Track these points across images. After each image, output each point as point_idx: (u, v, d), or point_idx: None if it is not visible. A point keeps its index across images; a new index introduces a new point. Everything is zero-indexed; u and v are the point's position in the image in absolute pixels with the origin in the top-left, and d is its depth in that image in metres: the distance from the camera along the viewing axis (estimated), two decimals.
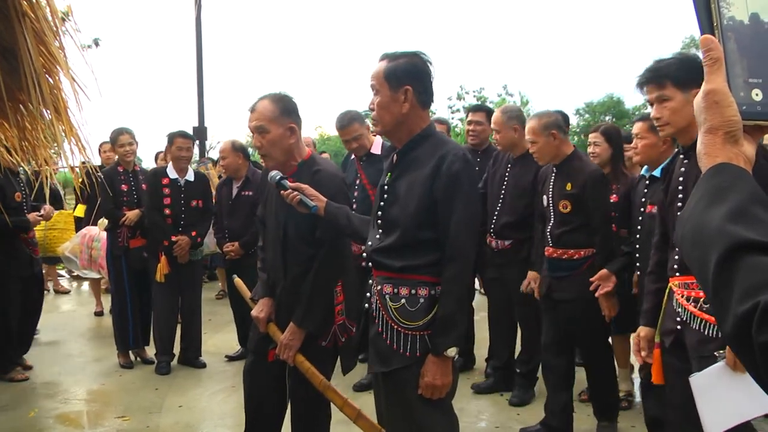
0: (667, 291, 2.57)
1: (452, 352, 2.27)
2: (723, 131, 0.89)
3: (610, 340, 4.18)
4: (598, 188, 3.78)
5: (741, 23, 0.92)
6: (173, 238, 5.22)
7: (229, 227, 5.48)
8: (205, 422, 4.31)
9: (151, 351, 5.56)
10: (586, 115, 38.30)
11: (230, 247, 5.39)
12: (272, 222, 2.96)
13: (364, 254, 2.51)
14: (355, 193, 4.63)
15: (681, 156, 2.59)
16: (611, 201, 4.07)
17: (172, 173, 5.33)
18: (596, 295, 3.68)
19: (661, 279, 2.64)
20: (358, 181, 4.71)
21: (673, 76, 2.42)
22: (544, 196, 3.96)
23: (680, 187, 2.53)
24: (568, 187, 3.80)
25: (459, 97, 31.74)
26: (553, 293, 3.88)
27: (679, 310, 2.44)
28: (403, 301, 2.32)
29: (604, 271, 3.68)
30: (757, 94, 0.91)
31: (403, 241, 2.34)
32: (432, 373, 2.26)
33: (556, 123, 3.86)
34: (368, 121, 4.70)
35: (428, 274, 2.31)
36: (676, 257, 2.50)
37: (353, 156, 4.87)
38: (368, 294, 2.47)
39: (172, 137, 5.38)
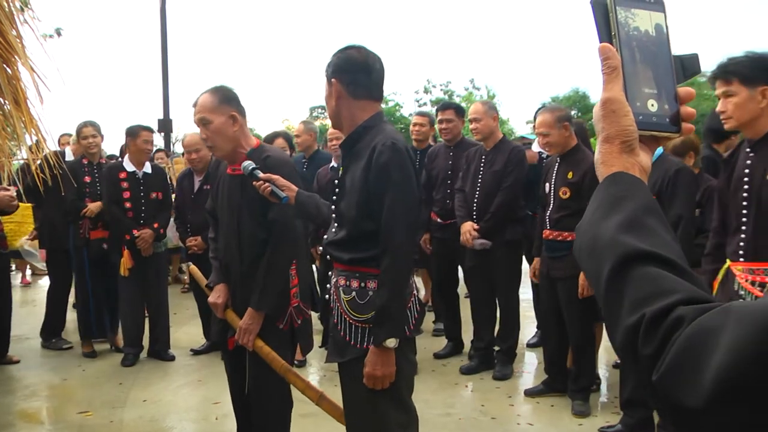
0: (722, 272, 2.73)
1: (391, 343, 2.26)
2: (619, 140, 0.88)
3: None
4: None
5: (642, 34, 0.92)
6: (135, 233, 5.20)
7: (192, 221, 5.47)
8: (169, 416, 4.27)
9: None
10: None
11: (193, 241, 5.40)
12: (225, 208, 2.98)
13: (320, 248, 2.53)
14: None
15: (748, 150, 2.71)
16: None
17: (129, 166, 5.31)
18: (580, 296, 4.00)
19: (717, 261, 2.81)
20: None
21: (741, 73, 2.57)
22: (546, 184, 4.26)
23: (746, 179, 2.67)
24: (570, 175, 4.10)
25: (426, 91, 31.67)
26: (550, 272, 4.21)
27: (742, 292, 2.58)
28: (353, 293, 2.35)
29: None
30: (652, 105, 0.91)
31: (352, 234, 2.35)
32: (372, 364, 2.27)
33: (567, 116, 4.20)
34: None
35: (376, 267, 2.31)
36: (741, 243, 2.64)
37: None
38: (328, 285, 2.49)
39: (139, 130, 5.33)
